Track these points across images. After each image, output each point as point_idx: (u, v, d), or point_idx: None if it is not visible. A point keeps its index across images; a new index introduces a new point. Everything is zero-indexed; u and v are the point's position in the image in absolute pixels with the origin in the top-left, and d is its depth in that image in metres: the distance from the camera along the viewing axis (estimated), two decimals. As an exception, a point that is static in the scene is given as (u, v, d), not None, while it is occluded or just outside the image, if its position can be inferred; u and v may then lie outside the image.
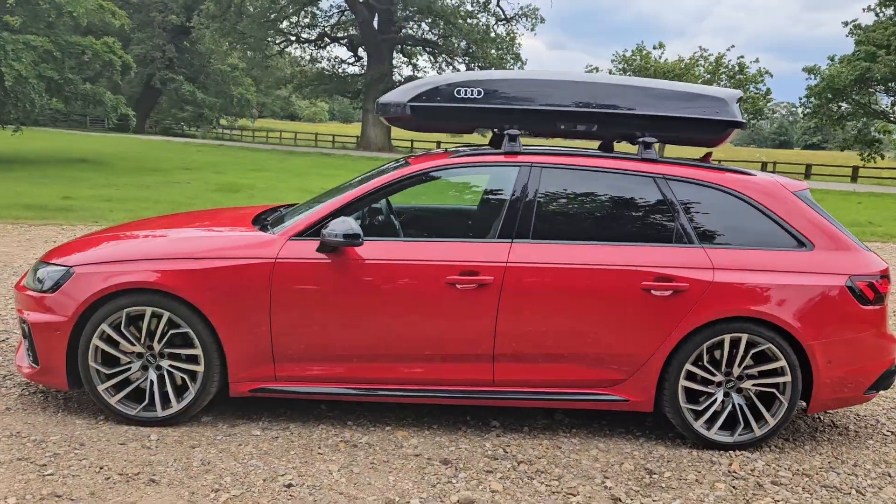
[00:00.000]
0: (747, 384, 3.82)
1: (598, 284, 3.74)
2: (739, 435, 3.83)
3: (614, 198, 3.98)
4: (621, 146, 4.47)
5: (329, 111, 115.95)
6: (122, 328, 3.70)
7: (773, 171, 16.25)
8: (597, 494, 3.33)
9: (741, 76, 36.78)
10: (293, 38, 44.11)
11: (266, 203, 15.55)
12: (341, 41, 44.59)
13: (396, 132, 46.64)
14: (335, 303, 3.72)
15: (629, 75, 40.58)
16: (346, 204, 3.85)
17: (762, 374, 3.82)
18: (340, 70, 44.36)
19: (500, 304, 3.71)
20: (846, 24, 33.15)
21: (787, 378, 3.77)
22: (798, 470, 3.68)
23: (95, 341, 3.69)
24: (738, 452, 3.82)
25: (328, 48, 46.07)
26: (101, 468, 3.30)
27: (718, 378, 3.82)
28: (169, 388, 3.75)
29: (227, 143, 42.36)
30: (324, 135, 51.33)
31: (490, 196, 4.10)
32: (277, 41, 43.11)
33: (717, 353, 3.81)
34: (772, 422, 3.82)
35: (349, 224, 3.61)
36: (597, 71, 42.16)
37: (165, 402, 3.76)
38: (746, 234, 3.91)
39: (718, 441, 3.83)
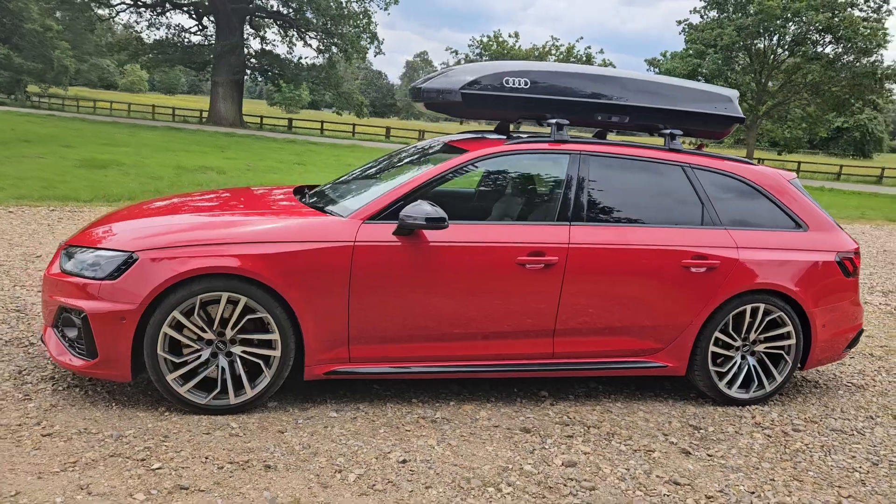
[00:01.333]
0: (760, 347, 4.40)
1: (646, 263, 4.13)
2: (754, 392, 4.41)
3: (651, 184, 4.37)
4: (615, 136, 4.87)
5: (148, 81, 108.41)
6: (195, 315, 3.56)
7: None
8: (669, 449, 3.73)
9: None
10: (129, 3, 40.82)
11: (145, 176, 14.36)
12: (184, 8, 41.92)
13: (248, 108, 44.72)
14: (410, 284, 3.81)
15: (485, 59, 41.78)
16: (416, 188, 3.92)
17: (771, 339, 4.41)
18: (186, 39, 41.66)
19: (563, 282, 3.99)
20: (679, 22, 36.47)
21: (793, 341, 4.39)
22: (806, 418, 4.31)
23: (166, 329, 3.52)
24: (753, 407, 4.39)
25: (168, 14, 43.12)
26: (206, 458, 3.21)
27: (738, 343, 4.36)
28: (242, 375, 3.67)
29: (56, 114, 38.51)
30: (162, 107, 48.15)
31: (541, 181, 4.33)
32: (114, 3, 39.65)
33: (730, 323, 4.34)
34: (779, 379, 4.43)
35: (433, 208, 3.70)
36: (456, 55, 42.98)
37: (238, 388, 3.67)
38: (756, 216, 4.46)
39: (737, 398, 4.38)
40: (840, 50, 33.19)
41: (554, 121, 4.28)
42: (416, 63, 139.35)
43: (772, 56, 34.73)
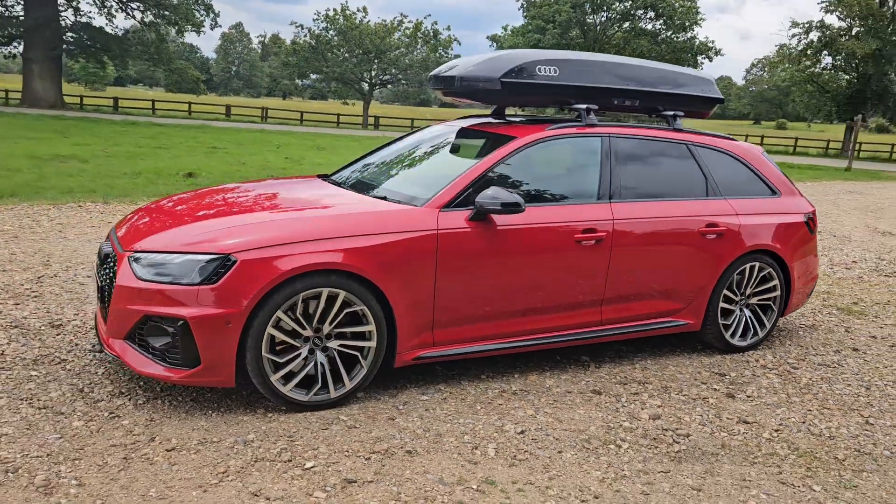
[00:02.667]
0: (753, 300, 5.08)
1: (674, 233, 4.62)
2: (750, 339, 5.08)
3: (665, 161, 4.84)
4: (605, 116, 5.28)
5: None
6: (297, 313, 3.55)
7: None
8: (717, 395, 4.27)
9: (435, 41, 39.82)
10: None
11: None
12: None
13: (69, 88, 40.64)
14: (485, 267, 4.01)
15: (332, 34, 40.92)
16: (480, 175, 4.09)
17: (761, 292, 5.09)
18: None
19: (611, 255, 4.37)
20: (518, -2, 37.97)
21: (778, 293, 5.10)
22: (795, 357, 5.06)
23: (270, 329, 3.48)
24: (752, 352, 5.07)
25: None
26: (347, 452, 3.27)
27: (738, 298, 5.00)
28: (341, 368, 3.71)
29: None
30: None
31: (581, 163, 4.62)
32: None
33: (734, 281, 4.96)
34: (768, 326, 5.14)
35: (509, 193, 3.91)
36: (302, 30, 41.46)
37: (336, 382, 3.71)
38: (742, 186, 5.10)
39: (739, 345, 5.03)
40: (660, 25, 36.36)
41: (584, 106, 4.61)
42: (232, 35, 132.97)
43: (603, 31, 37.26)
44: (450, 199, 3.97)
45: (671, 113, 5.02)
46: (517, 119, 4.94)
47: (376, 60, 39.83)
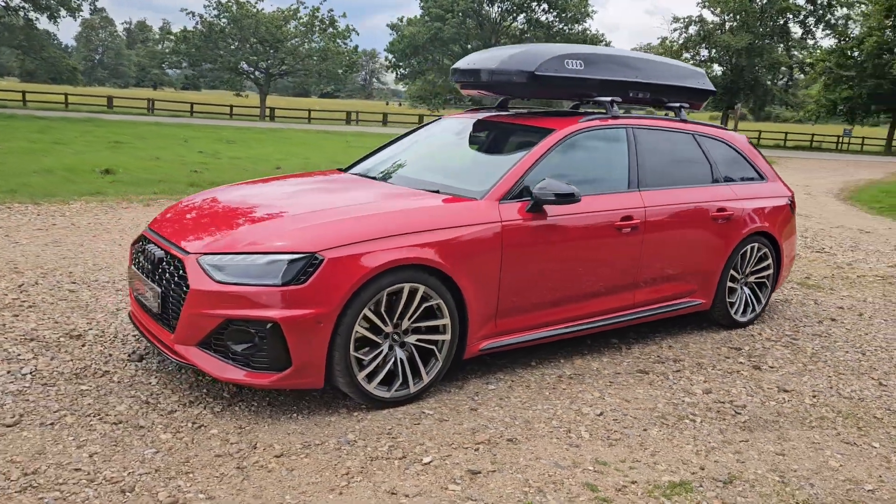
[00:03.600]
0: (751, 279, 5.46)
1: (691, 218, 4.89)
2: (749, 315, 5.46)
3: (676, 150, 5.10)
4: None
5: None
6: (382, 310, 3.52)
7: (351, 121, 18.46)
8: (745, 367, 4.59)
9: (332, 30, 39.07)
10: None
11: None
12: None
13: None
14: (540, 256, 4.11)
15: (224, 21, 39.25)
16: (530, 167, 4.18)
17: (757, 271, 5.48)
18: None
19: (644, 241, 4.58)
20: (415, -12, 37.98)
21: (772, 271, 5.52)
22: (791, 329, 5.48)
23: (357, 328, 3.44)
24: (750, 327, 5.45)
25: None
26: (452, 445, 3.28)
27: (740, 277, 5.36)
28: (419, 362, 3.70)
29: None
30: None
31: (612, 153, 4.75)
32: None
33: (738, 262, 5.32)
34: (764, 301, 5.55)
35: (565, 184, 4.02)
36: (193, 17, 39.32)
37: (414, 377, 3.70)
38: (737, 172, 5.46)
39: (741, 321, 5.40)
40: (553, 18, 37.50)
41: (608, 98, 4.79)
42: (94, 22, 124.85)
43: (499, 22, 37.93)
44: (506, 191, 4.04)
45: (678, 104, 5.29)
46: (526, 111, 5.06)
47: (272, 50, 38.57)
